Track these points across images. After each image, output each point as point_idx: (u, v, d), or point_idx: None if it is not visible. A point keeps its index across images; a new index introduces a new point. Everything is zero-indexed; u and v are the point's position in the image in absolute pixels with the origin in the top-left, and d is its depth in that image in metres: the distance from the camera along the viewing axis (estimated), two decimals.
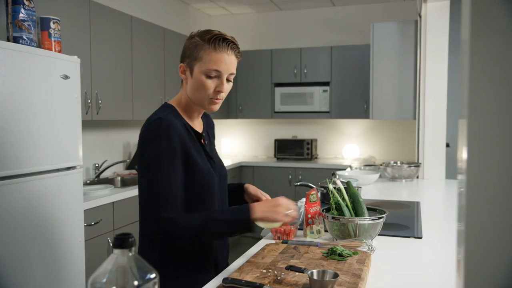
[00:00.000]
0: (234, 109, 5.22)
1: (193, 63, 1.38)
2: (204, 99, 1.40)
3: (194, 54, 1.37)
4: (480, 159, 0.55)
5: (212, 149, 1.56)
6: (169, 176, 1.31)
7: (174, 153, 1.32)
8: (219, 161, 1.55)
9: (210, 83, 1.37)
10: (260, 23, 5.44)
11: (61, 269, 2.23)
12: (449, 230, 1.88)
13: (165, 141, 1.31)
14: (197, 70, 1.37)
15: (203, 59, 1.36)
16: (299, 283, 1.21)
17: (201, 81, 1.37)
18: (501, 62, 0.54)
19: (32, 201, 2.08)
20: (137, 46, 3.60)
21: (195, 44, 1.37)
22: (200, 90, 1.38)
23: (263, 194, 1.57)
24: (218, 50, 1.35)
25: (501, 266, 0.55)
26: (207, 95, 1.38)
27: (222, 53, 1.36)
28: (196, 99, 1.41)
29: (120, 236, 0.72)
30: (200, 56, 1.36)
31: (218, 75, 1.37)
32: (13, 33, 2.12)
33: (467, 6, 0.55)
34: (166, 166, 1.31)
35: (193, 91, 1.40)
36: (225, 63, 1.37)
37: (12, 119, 1.97)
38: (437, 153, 3.54)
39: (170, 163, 1.31)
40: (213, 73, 1.36)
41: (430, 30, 3.49)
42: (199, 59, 1.36)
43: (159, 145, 1.31)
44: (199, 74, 1.37)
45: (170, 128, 1.33)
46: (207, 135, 1.55)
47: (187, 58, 1.39)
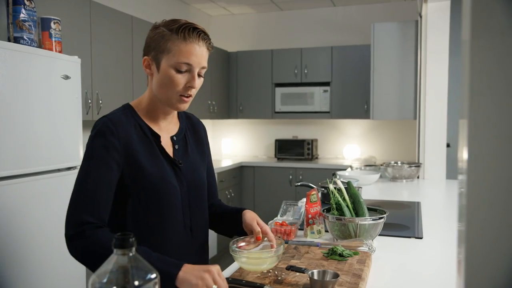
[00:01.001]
0: (234, 109, 5.22)
1: (160, 56, 1.23)
2: (172, 97, 1.25)
3: (160, 46, 1.23)
4: (481, 159, 0.55)
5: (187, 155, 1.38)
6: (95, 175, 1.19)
7: (108, 153, 1.20)
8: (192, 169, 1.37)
9: (180, 78, 1.23)
10: (261, 23, 5.44)
11: (62, 269, 2.23)
12: (450, 230, 1.88)
13: (101, 140, 1.21)
14: (164, 64, 1.23)
15: (171, 51, 1.21)
16: (300, 283, 1.21)
17: (169, 75, 1.23)
18: (502, 62, 0.54)
19: (33, 201, 2.08)
20: (138, 46, 3.60)
21: (161, 35, 1.23)
22: (168, 86, 1.24)
23: (260, 224, 1.33)
24: (188, 41, 1.21)
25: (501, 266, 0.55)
26: (176, 91, 1.24)
27: (193, 44, 1.22)
28: (163, 97, 1.27)
29: (120, 236, 0.72)
30: (168, 47, 1.22)
31: (189, 69, 1.24)
32: (14, 33, 2.12)
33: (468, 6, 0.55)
34: (95, 165, 1.19)
35: (160, 87, 1.26)
36: (196, 55, 1.23)
37: (12, 119, 1.97)
38: (437, 153, 3.54)
39: (101, 162, 1.19)
40: (183, 67, 1.22)
41: (431, 30, 3.49)
42: (167, 51, 1.22)
43: (93, 143, 1.22)
44: (167, 68, 1.23)
45: (111, 127, 1.22)
46: (182, 140, 1.39)
47: (152, 51, 1.25)
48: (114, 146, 1.21)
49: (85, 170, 1.21)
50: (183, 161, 1.35)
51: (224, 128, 5.62)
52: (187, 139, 1.41)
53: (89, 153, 1.22)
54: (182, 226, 1.33)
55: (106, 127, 1.22)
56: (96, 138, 1.22)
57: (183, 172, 1.33)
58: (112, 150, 1.21)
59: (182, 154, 1.36)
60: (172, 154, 1.33)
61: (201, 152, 1.46)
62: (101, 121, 1.25)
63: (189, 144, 1.41)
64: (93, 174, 1.19)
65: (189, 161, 1.38)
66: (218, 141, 5.61)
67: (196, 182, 1.38)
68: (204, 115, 4.68)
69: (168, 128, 1.37)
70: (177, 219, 1.31)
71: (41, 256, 2.11)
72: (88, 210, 1.17)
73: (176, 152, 1.35)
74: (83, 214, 1.16)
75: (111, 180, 1.21)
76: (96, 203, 1.18)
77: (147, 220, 1.26)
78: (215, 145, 5.60)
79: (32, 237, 2.07)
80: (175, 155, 1.34)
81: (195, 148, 1.43)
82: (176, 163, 1.32)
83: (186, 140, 1.40)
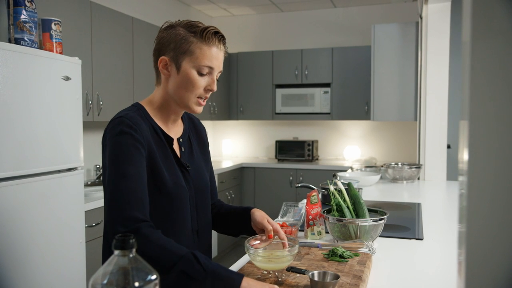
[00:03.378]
0: (235, 111, 5.22)
1: (181, 58, 1.23)
2: (191, 98, 1.26)
3: (182, 47, 1.22)
4: (481, 161, 0.55)
5: (192, 157, 1.38)
6: (134, 173, 1.15)
7: (138, 150, 1.17)
8: (198, 172, 1.37)
9: (201, 80, 1.24)
10: (261, 24, 5.44)
11: (62, 271, 2.23)
12: (450, 232, 1.88)
13: (128, 138, 1.17)
14: (186, 66, 1.23)
15: (194, 53, 1.22)
16: (300, 285, 1.20)
17: (191, 77, 1.23)
18: (502, 64, 0.54)
19: (33, 202, 2.08)
20: (138, 47, 3.60)
21: (182, 36, 1.23)
22: (188, 87, 1.24)
23: (270, 222, 1.32)
24: (210, 44, 1.23)
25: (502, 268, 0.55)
26: (195, 94, 1.25)
27: (215, 48, 1.24)
28: (181, 98, 1.27)
29: (121, 237, 0.72)
30: (190, 50, 1.22)
31: (209, 72, 1.25)
32: (15, 34, 2.12)
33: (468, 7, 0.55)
34: (131, 162, 1.15)
35: (179, 88, 1.25)
36: (217, 59, 1.25)
37: (13, 120, 1.97)
38: (438, 154, 3.54)
39: (135, 159, 1.16)
40: (205, 70, 1.24)
41: (431, 31, 3.49)
42: (189, 53, 1.22)
43: (122, 141, 1.17)
44: (189, 70, 1.23)
45: (134, 126, 1.19)
46: (187, 142, 1.38)
47: (172, 51, 1.24)
48: (142, 144, 1.19)
49: (120, 168, 1.15)
50: (190, 164, 1.35)
51: (224, 129, 5.62)
52: (191, 140, 1.40)
53: (120, 151, 1.17)
54: (190, 229, 1.32)
55: (129, 126, 1.19)
56: (122, 136, 1.18)
57: (191, 175, 1.33)
58: (141, 148, 1.18)
59: (188, 156, 1.36)
60: (179, 157, 1.33)
61: (204, 153, 1.45)
62: (120, 120, 1.20)
63: (193, 146, 1.40)
64: (130, 172, 1.15)
65: (195, 163, 1.37)
66: (218, 142, 5.62)
67: (202, 185, 1.37)
68: (205, 116, 4.68)
69: (175, 130, 1.36)
70: (186, 222, 1.30)
71: (41, 257, 2.11)
72: (136, 207, 1.12)
73: (183, 155, 1.34)
74: (133, 211, 1.11)
75: (145, 177, 1.18)
76: (140, 200, 1.14)
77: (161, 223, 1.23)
78: (215, 146, 5.60)
79: (32, 238, 2.07)
80: (182, 157, 1.33)
81: (198, 150, 1.43)
82: (185, 166, 1.32)
83: (191, 142, 1.40)
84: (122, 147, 1.17)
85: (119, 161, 1.16)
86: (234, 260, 1.45)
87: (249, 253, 1.26)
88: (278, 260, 1.23)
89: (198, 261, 1.05)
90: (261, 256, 1.24)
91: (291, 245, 1.29)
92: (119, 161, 1.16)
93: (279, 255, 1.23)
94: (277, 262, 1.23)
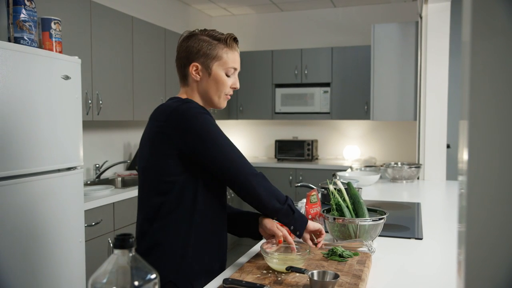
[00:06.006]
0: (234, 110, 5.22)
1: (210, 62, 1.42)
2: (221, 96, 1.46)
3: (211, 53, 1.42)
4: (481, 160, 0.55)
5: None
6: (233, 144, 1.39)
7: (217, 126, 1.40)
8: None
9: (228, 80, 1.45)
10: (261, 24, 5.44)
11: (62, 270, 2.23)
12: (450, 231, 1.88)
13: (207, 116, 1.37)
14: (216, 69, 1.43)
15: (222, 58, 1.42)
16: (300, 284, 1.21)
17: (221, 78, 1.43)
18: (502, 63, 0.54)
19: (33, 202, 2.08)
20: (138, 47, 3.60)
21: (209, 43, 1.42)
22: (218, 87, 1.44)
23: (279, 228, 1.44)
24: (233, 49, 1.45)
25: (502, 267, 0.55)
26: (224, 92, 1.46)
27: (236, 51, 1.46)
28: (212, 96, 1.45)
29: (120, 236, 0.72)
30: (219, 55, 1.42)
31: (233, 73, 1.47)
32: (14, 33, 2.12)
33: (468, 7, 0.55)
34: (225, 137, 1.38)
35: (211, 88, 1.44)
36: (238, 61, 1.47)
37: (13, 120, 1.97)
38: (437, 154, 3.54)
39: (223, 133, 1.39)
40: (231, 71, 1.45)
41: (431, 31, 3.49)
42: (217, 58, 1.42)
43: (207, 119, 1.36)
44: (220, 72, 1.43)
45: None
46: None
47: (201, 57, 1.42)
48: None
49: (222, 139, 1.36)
50: None
51: (224, 129, 5.57)
52: None
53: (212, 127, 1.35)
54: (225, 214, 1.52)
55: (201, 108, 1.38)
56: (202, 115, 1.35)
57: None
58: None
59: None
60: None
61: None
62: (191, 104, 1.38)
63: None
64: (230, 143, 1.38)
65: None
66: None
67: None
68: None
69: None
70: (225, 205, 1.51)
71: (40, 256, 2.11)
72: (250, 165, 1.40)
73: None
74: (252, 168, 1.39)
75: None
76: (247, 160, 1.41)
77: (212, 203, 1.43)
78: None
79: (32, 237, 2.06)
80: None
81: None
82: None
83: None
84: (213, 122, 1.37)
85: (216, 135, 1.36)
86: (234, 259, 1.47)
87: (265, 256, 1.32)
88: (292, 262, 1.28)
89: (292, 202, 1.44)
90: (277, 258, 1.30)
91: (303, 248, 1.38)
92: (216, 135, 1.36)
93: (293, 258, 1.30)
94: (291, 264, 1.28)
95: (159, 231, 1.38)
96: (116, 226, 2.90)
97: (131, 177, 3.69)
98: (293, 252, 1.37)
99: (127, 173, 3.77)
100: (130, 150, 4.09)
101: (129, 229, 3.00)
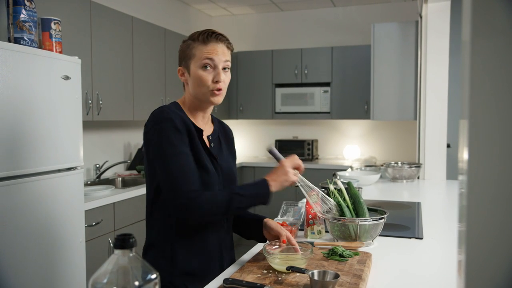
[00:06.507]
0: (234, 110, 5.22)
1: (189, 62, 1.43)
2: (206, 93, 1.42)
3: (188, 54, 1.43)
4: (481, 160, 0.55)
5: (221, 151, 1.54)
6: (182, 153, 1.34)
7: (181, 134, 1.35)
8: (226, 162, 1.53)
9: (206, 75, 1.40)
10: (261, 23, 5.44)
11: (62, 270, 2.23)
12: (450, 231, 1.88)
13: (170, 123, 1.34)
14: (193, 67, 1.42)
15: (196, 55, 1.41)
16: (300, 284, 1.21)
17: (198, 75, 1.40)
18: (502, 62, 0.54)
19: (33, 202, 2.08)
20: (138, 47, 3.60)
21: (187, 45, 1.43)
22: (199, 84, 1.41)
23: (282, 229, 1.45)
24: (207, 42, 1.40)
25: (502, 267, 0.55)
26: (207, 87, 1.41)
27: (212, 44, 1.41)
28: (199, 95, 1.43)
29: (121, 236, 0.72)
30: (193, 53, 1.41)
31: (213, 65, 1.40)
32: (14, 34, 2.12)
33: (468, 6, 0.55)
34: (178, 145, 1.34)
35: (195, 88, 1.43)
36: (216, 52, 1.40)
37: (13, 120, 1.97)
38: (438, 153, 3.53)
39: (181, 141, 1.34)
40: (207, 62, 1.39)
41: (431, 30, 3.49)
42: (192, 56, 1.41)
43: (165, 127, 1.34)
44: (196, 69, 1.41)
45: (172, 114, 1.37)
46: (216, 140, 1.54)
47: (183, 60, 1.45)
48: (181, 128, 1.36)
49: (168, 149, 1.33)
50: (219, 156, 1.51)
51: None
52: (220, 140, 1.57)
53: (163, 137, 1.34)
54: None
55: (167, 114, 1.36)
56: (163, 123, 1.35)
57: (220, 164, 1.49)
58: (181, 130, 1.36)
59: (217, 151, 1.52)
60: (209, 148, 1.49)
61: (231, 153, 1.63)
62: (160, 109, 1.39)
63: (222, 144, 1.57)
64: (178, 150, 1.33)
65: (223, 156, 1.54)
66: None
67: (230, 175, 1.53)
68: None
69: (205, 128, 1.51)
70: None
71: (41, 256, 2.11)
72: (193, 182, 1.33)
73: (212, 149, 1.50)
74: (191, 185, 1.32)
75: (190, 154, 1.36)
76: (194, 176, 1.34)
77: None
78: None
79: (32, 238, 2.06)
80: (212, 150, 1.49)
81: (227, 148, 1.60)
82: (214, 155, 1.48)
83: (220, 141, 1.57)
84: (166, 132, 1.34)
85: (166, 146, 1.33)
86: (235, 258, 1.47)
87: (267, 256, 1.32)
88: (294, 262, 1.28)
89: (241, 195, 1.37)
90: (278, 258, 1.30)
91: (304, 249, 1.37)
92: (166, 146, 1.33)
93: (295, 258, 1.30)
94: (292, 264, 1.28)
95: (151, 232, 1.46)
96: (117, 226, 2.90)
97: (131, 177, 3.70)
98: (296, 253, 1.37)
99: (127, 173, 3.77)
100: (130, 150, 4.09)
101: (129, 229, 3.00)
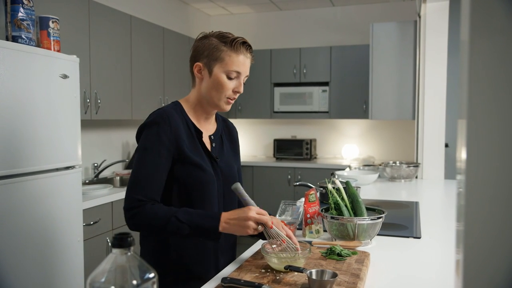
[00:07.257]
0: (233, 109, 5.22)
1: (212, 63, 1.42)
2: (221, 98, 1.44)
3: (214, 55, 1.41)
4: (479, 159, 0.55)
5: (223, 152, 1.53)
6: (149, 161, 1.35)
7: (160, 142, 1.36)
8: (227, 164, 1.52)
9: (229, 83, 1.43)
10: (260, 23, 5.44)
11: (60, 269, 2.23)
12: (448, 230, 1.88)
13: (155, 129, 1.36)
14: (217, 71, 1.42)
15: (224, 60, 1.41)
16: (298, 283, 1.21)
17: (221, 81, 1.42)
18: (501, 62, 0.54)
19: (31, 201, 2.07)
20: (137, 46, 3.59)
21: (214, 45, 1.42)
22: (218, 89, 1.43)
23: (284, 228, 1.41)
24: (238, 52, 1.42)
25: (500, 266, 0.55)
26: (224, 94, 1.43)
27: (242, 55, 1.43)
28: (212, 98, 1.44)
29: (119, 235, 0.72)
30: (221, 57, 1.41)
31: (237, 76, 1.44)
32: (12, 32, 2.12)
33: (467, 6, 0.55)
34: (149, 152, 1.36)
35: (210, 90, 1.44)
36: (244, 65, 1.44)
37: (11, 119, 1.97)
38: (436, 153, 3.54)
39: (155, 150, 1.36)
40: (233, 74, 1.42)
41: (430, 30, 3.49)
42: (219, 60, 1.41)
43: (148, 132, 1.37)
44: (220, 74, 1.41)
45: (164, 118, 1.38)
46: (218, 139, 1.54)
47: (205, 58, 1.43)
48: (166, 133, 1.37)
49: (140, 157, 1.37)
50: (219, 157, 1.50)
51: None
52: (223, 139, 1.57)
53: (144, 142, 1.38)
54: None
55: (160, 117, 1.38)
56: (149, 128, 1.38)
57: (219, 166, 1.49)
58: (164, 137, 1.36)
59: (218, 151, 1.52)
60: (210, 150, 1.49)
61: (234, 152, 1.62)
62: (156, 112, 1.41)
63: (224, 144, 1.56)
64: (147, 159, 1.36)
65: (224, 157, 1.53)
66: None
67: (230, 176, 1.52)
68: None
69: (208, 127, 1.52)
70: (213, 209, 1.44)
71: (39, 255, 2.11)
72: (142, 191, 1.34)
73: (213, 149, 1.50)
74: (137, 195, 1.33)
75: (162, 165, 1.37)
76: (149, 185, 1.35)
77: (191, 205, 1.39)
78: None
79: (30, 236, 2.06)
80: (212, 151, 1.49)
81: (229, 148, 1.59)
82: (214, 157, 1.48)
83: (222, 140, 1.56)
84: (146, 138, 1.37)
85: (140, 152, 1.38)
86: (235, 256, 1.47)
87: (265, 255, 1.32)
88: (292, 261, 1.28)
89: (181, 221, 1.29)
90: (276, 257, 1.29)
91: (302, 248, 1.36)
92: (140, 152, 1.38)
93: (293, 257, 1.30)
94: (291, 263, 1.27)
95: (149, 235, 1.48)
96: (115, 225, 2.90)
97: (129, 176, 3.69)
98: (294, 252, 1.37)
99: (125, 172, 3.76)
100: (129, 149, 4.09)
101: (127, 228, 2.99)
